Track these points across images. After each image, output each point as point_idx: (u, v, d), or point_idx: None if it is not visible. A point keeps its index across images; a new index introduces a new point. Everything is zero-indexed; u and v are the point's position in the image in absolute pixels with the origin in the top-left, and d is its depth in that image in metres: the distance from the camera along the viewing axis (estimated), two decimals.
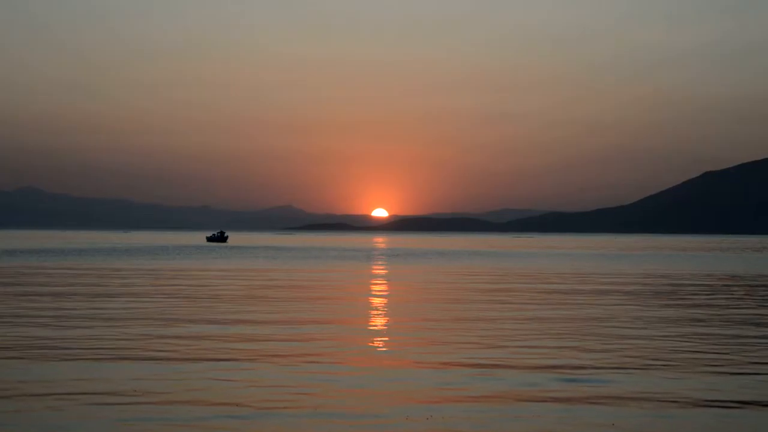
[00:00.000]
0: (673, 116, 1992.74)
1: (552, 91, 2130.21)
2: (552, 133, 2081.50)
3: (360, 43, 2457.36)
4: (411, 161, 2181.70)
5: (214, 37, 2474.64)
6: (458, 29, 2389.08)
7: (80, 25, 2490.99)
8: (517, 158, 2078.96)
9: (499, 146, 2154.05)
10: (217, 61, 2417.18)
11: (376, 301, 49.11)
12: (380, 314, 41.22)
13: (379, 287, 61.47)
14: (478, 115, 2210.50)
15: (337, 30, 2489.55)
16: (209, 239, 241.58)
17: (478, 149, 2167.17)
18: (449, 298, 50.42)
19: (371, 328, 35.45)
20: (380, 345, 30.14)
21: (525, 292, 56.42)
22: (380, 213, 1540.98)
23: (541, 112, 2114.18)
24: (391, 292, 57.32)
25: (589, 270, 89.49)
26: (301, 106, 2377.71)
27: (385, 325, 36.29)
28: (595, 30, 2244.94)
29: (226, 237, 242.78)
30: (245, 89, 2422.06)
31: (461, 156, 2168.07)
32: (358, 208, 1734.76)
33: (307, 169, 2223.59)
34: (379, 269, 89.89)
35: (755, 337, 33.23)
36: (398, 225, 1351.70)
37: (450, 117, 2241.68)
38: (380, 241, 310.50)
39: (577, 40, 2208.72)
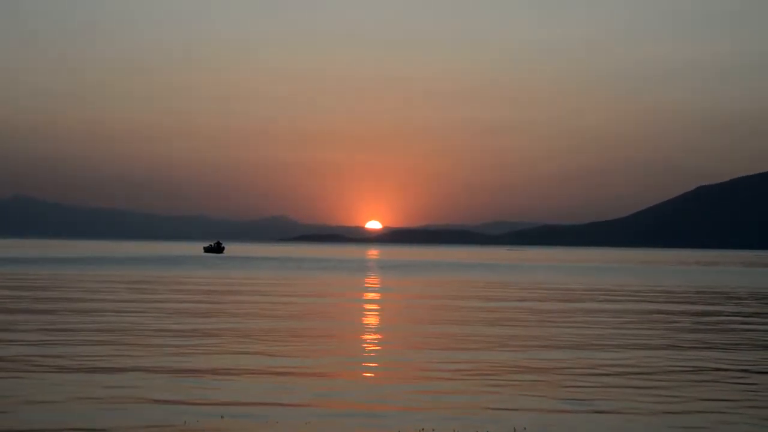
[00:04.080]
0: (667, 130, 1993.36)
1: (546, 105, 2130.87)
2: (545, 146, 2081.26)
3: (354, 56, 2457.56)
4: (404, 173, 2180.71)
5: (207, 49, 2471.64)
6: (455, 43, 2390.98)
7: (73, 34, 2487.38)
8: (511, 171, 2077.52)
9: (493, 159, 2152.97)
10: (210, 73, 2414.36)
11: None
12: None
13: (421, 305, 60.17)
14: (472, 128, 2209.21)
15: (330, 42, 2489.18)
16: (206, 249, 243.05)
17: (472, 161, 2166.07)
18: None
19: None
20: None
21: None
22: (374, 225, 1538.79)
23: (534, 124, 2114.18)
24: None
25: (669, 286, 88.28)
26: (294, 117, 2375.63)
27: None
28: (592, 44, 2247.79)
29: (223, 248, 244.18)
30: (239, 101, 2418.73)
31: (455, 168, 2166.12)
32: (352, 220, 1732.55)
33: (300, 181, 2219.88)
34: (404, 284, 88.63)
35: None
36: (391, 237, 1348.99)
37: (443, 129, 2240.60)
38: (375, 253, 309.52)
39: (574, 54, 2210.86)
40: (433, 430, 18.67)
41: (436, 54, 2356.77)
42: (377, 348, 32.65)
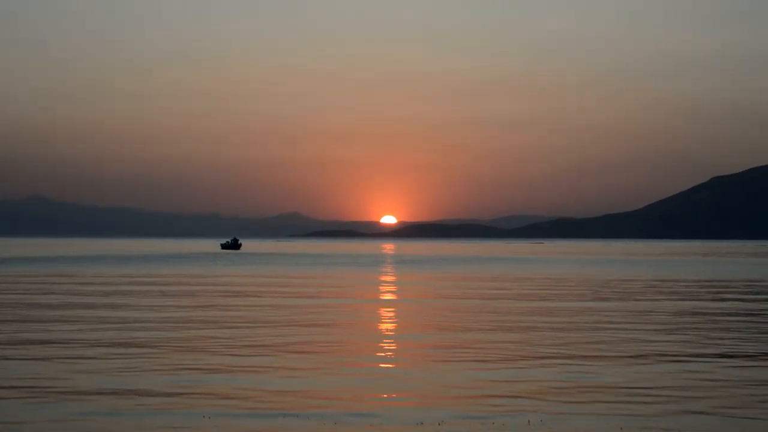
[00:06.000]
0: (681, 122, 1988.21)
1: (560, 98, 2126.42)
2: (560, 140, 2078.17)
3: (368, 51, 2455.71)
4: (419, 168, 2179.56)
5: (221, 48, 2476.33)
6: (467, 38, 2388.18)
7: (85, 37, 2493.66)
8: (526, 164, 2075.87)
9: (508, 153, 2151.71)
10: (223, 71, 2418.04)
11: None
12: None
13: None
14: (486, 122, 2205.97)
15: (344, 38, 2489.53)
16: (223, 246, 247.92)
17: (486, 156, 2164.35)
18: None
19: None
20: None
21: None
22: (389, 220, 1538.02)
23: (549, 118, 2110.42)
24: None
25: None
26: (308, 114, 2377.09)
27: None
28: (605, 37, 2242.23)
29: (240, 244, 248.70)
30: (252, 99, 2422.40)
31: (469, 163, 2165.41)
32: (366, 215, 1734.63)
33: (314, 177, 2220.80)
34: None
35: None
36: (407, 232, 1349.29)
37: (457, 124, 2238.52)
38: (391, 247, 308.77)
39: (586, 48, 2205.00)
40: None
41: (449, 50, 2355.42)
42: (406, 356, 30.67)
